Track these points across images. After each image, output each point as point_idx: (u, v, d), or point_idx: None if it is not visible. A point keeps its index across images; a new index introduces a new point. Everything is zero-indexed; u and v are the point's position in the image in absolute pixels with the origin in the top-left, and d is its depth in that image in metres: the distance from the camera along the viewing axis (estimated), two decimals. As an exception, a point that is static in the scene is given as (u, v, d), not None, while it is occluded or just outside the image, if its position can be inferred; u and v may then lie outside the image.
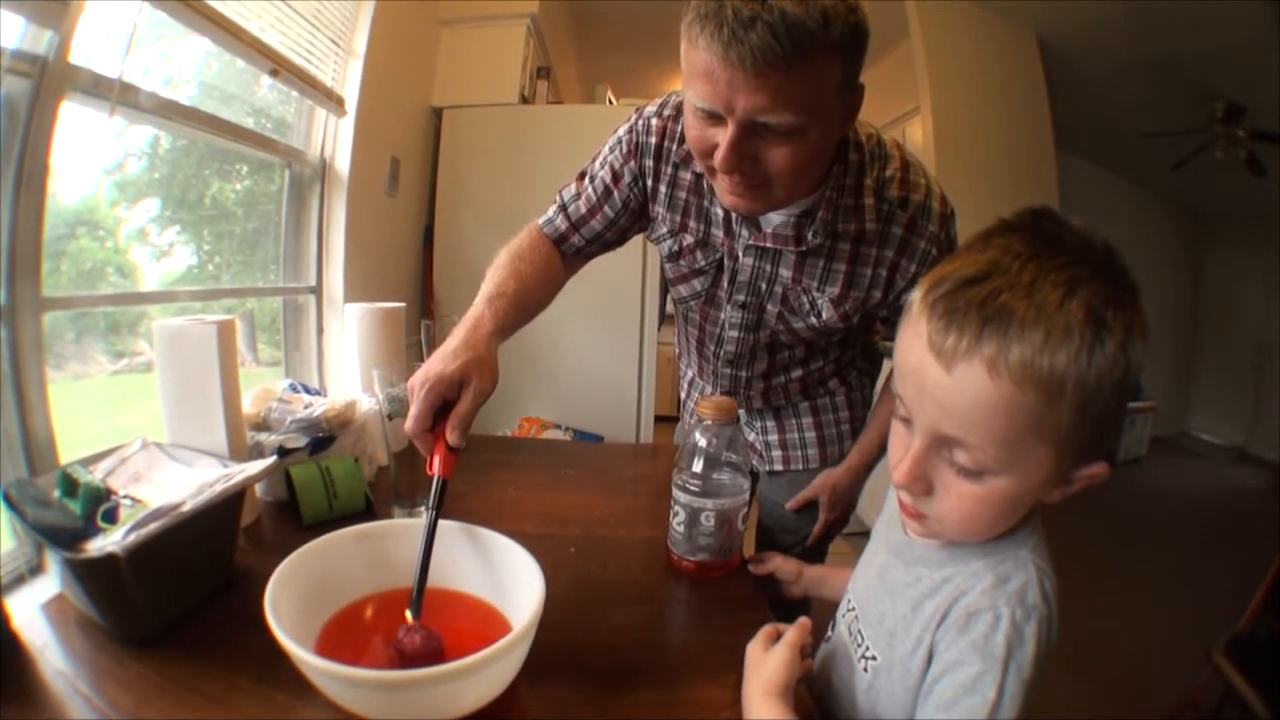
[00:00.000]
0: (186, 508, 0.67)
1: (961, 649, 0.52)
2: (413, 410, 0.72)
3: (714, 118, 0.74)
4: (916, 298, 0.52)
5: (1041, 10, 3.21)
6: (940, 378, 0.48)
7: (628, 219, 1.04)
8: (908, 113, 3.49)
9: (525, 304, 0.91)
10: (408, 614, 0.64)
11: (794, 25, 0.64)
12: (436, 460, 0.72)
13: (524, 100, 2.94)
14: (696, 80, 0.72)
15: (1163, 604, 2.79)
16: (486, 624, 0.67)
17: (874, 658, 0.61)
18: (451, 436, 0.73)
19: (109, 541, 0.62)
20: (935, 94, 3.14)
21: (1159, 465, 4.94)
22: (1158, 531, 3.68)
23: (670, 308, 1.25)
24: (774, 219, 0.91)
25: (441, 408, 0.74)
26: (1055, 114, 3.37)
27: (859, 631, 0.65)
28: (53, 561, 0.68)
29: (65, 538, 0.65)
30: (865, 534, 0.73)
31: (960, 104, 3.17)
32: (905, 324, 0.53)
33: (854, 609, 0.68)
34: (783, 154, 0.75)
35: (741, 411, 1.20)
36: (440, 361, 0.74)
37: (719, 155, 0.75)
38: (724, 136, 0.73)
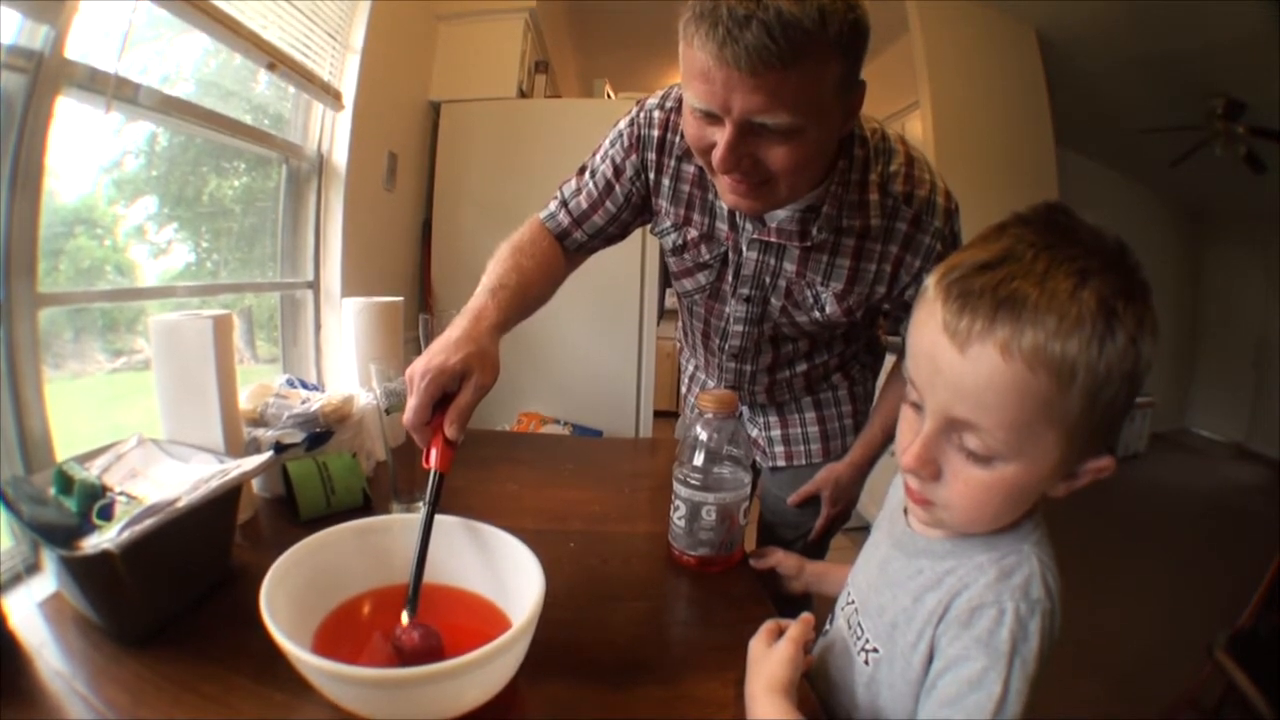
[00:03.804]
0: (181, 504, 0.67)
1: (965, 644, 0.52)
2: (411, 402, 0.71)
3: (711, 118, 0.73)
4: (931, 282, 0.52)
5: (1041, 6, 3.20)
6: (954, 359, 0.48)
7: (630, 213, 1.03)
8: (907, 107, 3.48)
9: (527, 297, 0.90)
10: (404, 615, 0.64)
11: (790, 24, 0.63)
12: (434, 454, 0.71)
13: (522, 95, 2.93)
14: (693, 80, 0.71)
15: (1163, 600, 2.79)
16: (486, 621, 0.67)
17: (875, 650, 0.61)
18: (450, 430, 0.72)
19: (104, 539, 0.61)
20: (934, 89, 3.14)
21: (1158, 461, 4.94)
22: (1158, 528, 3.69)
23: (670, 302, 1.25)
24: (779, 214, 0.90)
25: (440, 400, 0.73)
26: (1054, 109, 3.36)
27: (858, 624, 0.65)
28: (49, 560, 0.67)
29: (60, 535, 0.65)
30: (867, 529, 0.73)
31: (959, 99, 3.17)
32: (919, 307, 0.53)
33: (853, 602, 0.68)
34: (782, 153, 0.74)
35: (744, 407, 1.19)
36: (442, 353, 0.73)
37: (716, 156, 0.74)
38: (721, 137, 0.73)
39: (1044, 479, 0.51)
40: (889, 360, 1.22)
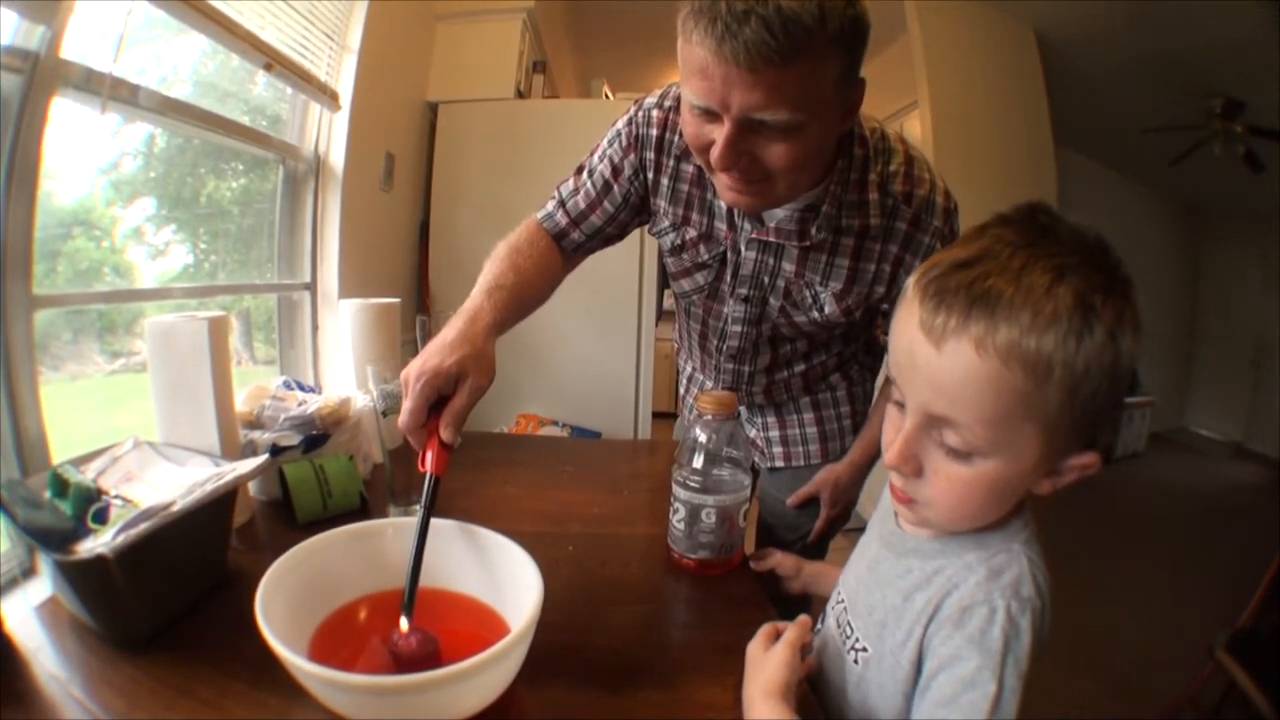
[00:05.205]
0: (176, 507, 0.66)
1: (958, 643, 0.51)
2: (406, 405, 0.70)
3: (710, 115, 0.72)
4: (911, 281, 0.53)
5: (1040, 6, 3.19)
6: (930, 355, 0.49)
7: (628, 213, 1.02)
8: (905, 107, 3.48)
9: (524, 297, 0.90)
10: (402, 620, 0.63)
11: (789, 19, 0.63)
12: (429, 457, 0.70)
13: (520, 95, 2.93)
14: (692, 77, 0.70)
15: (1163, 600, 2.79)
16: (484, 625, 0.66)
17: (864, 649, 0.61)
18: (446, 433, 0.71)
19: (99, 543, 0.61)
20: (933, 89, 3.13)
21: (1158, 461, 4.95)
22: (1157, 527, 3.69)
23: (668, 303, 1.24)
24: (778, 213, 0.90)
25: (436, 402, 0.72)
26: (1053, 109, 3.35)
27: (848, 623, 0.65)
28: (44, 564, 0.67)
29: (55, 539, 0.65)
30: (865, 529, 0.73)
31: (958, 99, 3.16)
32: (900, 307, 0.54)
33: (843, 601, 0.68)
34: (781, 151, 0.73)
35: (742, 408, 1.19)
36: (437, 354, 0.72)
37: (715, 153, 0.74)
38: (720, 134, 0.72)
39: (1025, 475, 0.51)
40: (888, 361, 1.21)
